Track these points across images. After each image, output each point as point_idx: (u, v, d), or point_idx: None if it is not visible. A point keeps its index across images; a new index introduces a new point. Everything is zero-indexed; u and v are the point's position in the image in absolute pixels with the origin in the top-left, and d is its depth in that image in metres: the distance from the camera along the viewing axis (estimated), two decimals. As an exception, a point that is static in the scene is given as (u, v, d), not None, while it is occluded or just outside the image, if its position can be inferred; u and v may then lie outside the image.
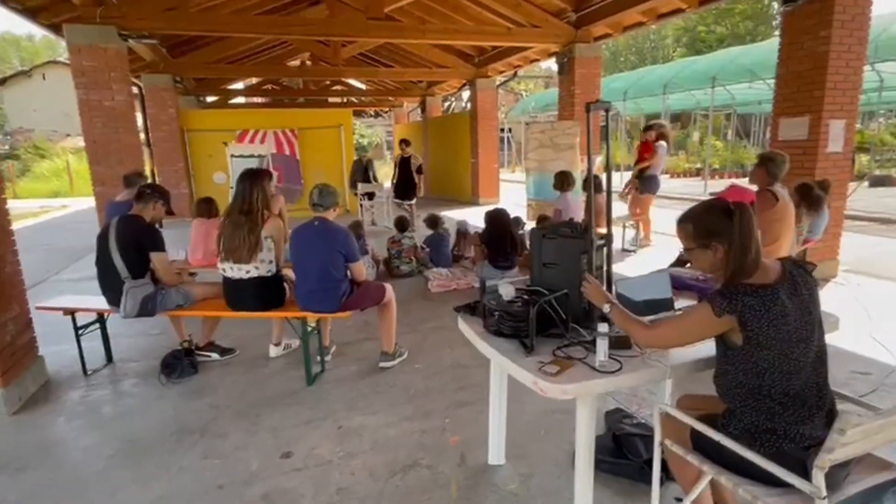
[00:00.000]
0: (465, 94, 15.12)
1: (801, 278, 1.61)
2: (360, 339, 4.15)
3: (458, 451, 2.61)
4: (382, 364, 3.58)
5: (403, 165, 9.13)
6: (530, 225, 7.03)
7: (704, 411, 1.77)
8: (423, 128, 16.79)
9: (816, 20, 5.06)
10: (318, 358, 3.61)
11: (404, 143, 9.35)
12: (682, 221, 1.73)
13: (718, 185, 12.57)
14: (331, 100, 18.51)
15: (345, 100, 19.09)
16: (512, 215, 6.75)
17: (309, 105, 17.27)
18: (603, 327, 1.71)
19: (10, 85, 28.00)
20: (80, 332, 3.65)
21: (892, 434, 1.33)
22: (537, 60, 11.76)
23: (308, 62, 14.05)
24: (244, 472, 2.52)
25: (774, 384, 1.53)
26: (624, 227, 7.32)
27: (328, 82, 16.51)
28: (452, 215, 10.93)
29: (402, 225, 6.23)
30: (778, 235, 3.79)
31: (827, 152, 5.24)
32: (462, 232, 6.57)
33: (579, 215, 5.82)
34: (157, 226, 3.49)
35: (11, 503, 2.37)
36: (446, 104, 19.13)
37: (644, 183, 7.14)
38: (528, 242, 6.34)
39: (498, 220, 5.70)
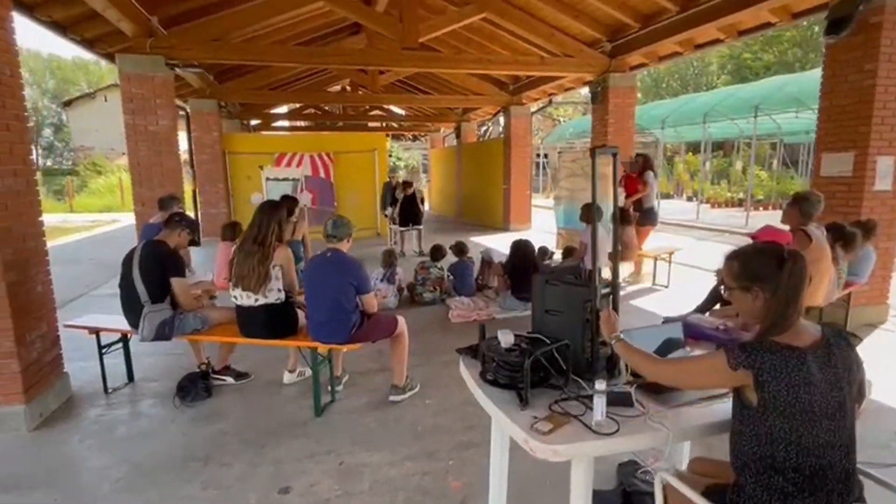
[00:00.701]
0: (503, 119, 15.21)
1: (839, 349, 1.47)
2: (373, 370, 4.12)
3: (459, 498, 2.52)
4: (393, 398, 3.52)
5: (408, 200, 9.32)
6: (559, 254, 6.91)
7: (716, 479, 1.64)
8: (458, 153, 16.93)
9: (861, 53, 4.83)
10: (330, 388, 3.59)
11: (407, 184, 9.67)
12: (730, 259, 1.64)
13: (762, 218, 12.06)
14: (370, 124, 18.95)
15: (384, 124, 19.51)
16: (540, 244, 6.67)
17: (348, 129, 17.75)
18: (600, 384, 1.62)
19: (75, 106, 29.97)
20: (103, 350, 3.77)
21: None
22: (572, 88, 11.71)
23: (348, 88, 14.45)
24: (240, 505, 2.50)
25: (789, 459, 1.39)
26: (656, 259, 7.07)
27: (367, 107, 16.92)
28: (482, 241, 10.90)
29: (436, 254, 6.23)
30: (817, 277, 3.57)
31: (874, 190, 4.94)
32: (486, 261, 6.51)
33: (605, 249, 5.67)
34: (182, 250, 3.60)
35: (16, 523, 2.41)
36: (483, 129, 19.28)
37: (642, 216, 6.97)
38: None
39: (521, 250, 5.63)
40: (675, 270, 7.14)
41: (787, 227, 3.71)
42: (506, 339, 1.91)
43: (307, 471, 2.77)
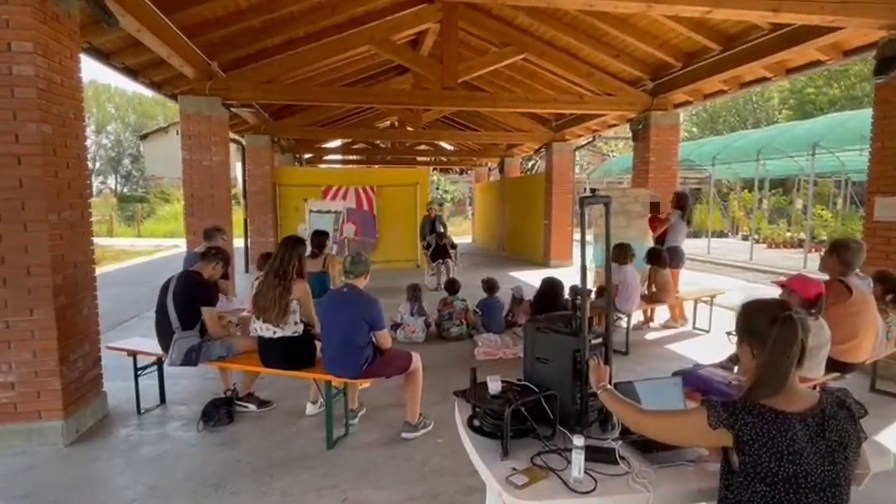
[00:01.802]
0: (545, 154, 15.20)
1: (836, 420, 1.38)
2: (391, 405, 4.13)
3: (455, 545, 2.47)
4: (405, 435, 3.52)
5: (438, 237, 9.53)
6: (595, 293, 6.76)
7: None
8: (501, 187, 17.04)
9: (912, 93, 4.59)
10: (345, 421, 3.64)
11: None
12: (739, 309, 1.62)
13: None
14: (419, 158, 19.48)
15: (433, 158, 20.00)
16: (573, 282, 6.56)
17: (398, 162, 18.31)
18: (578, 439, 1.58)
19: (150, 139, 32.53)
20: (139, 372, 4.00)
21: None
22: (616, 125, 11.65)
23: (395, 123, 14.98)
24: (242, 535, 2.55)
25: None
26: (696, 303, 6.78)
27: (415, 142, 17.43)
28: (520, 276, 10.82)
29: (452, 287, 6.26)
30: (856, 332, 3.35)
31: (933, 237, 4.59)
32: (517, 298, 6.45)
33: (636, 291, 5.51)
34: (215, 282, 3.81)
35: (37, 536, 2.56)
36: (531, 163, 19.34)
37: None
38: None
39: (550, 288, 5.56)
40: (719, 314, 6.81)
41: (825, 276, 3.50)
42: (494, 385, 1.91)
43: (310, 503, 2.80)
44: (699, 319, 6.70)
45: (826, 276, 3.48)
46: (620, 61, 8.48)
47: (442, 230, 9.59)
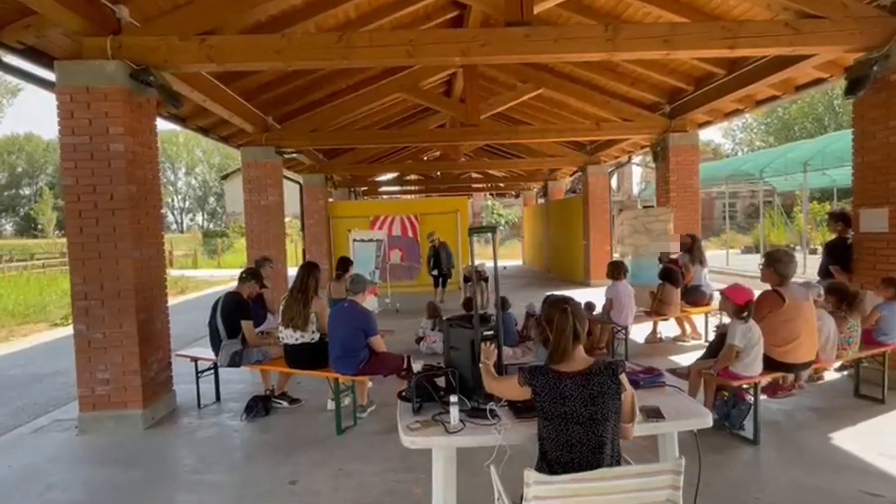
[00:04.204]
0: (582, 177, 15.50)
1: (599, 377, 1.98)
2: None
3: (416, 500, 3.14)
4: (400, 425, 4.24)
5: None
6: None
7: None
8: (545, 210, 17.54)
9: (884, 110, 4.83)
10: (354, 414, 4.42)
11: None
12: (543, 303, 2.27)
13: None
14: (474, 185, 20.50)
15: (488, 185, 20.94)
16: (588, 300, 7.02)
17: (452, 191, 19.36)
18: (454, 398, 2.26)
19: (230, 179, 35.94)
20: (199, 375, 5.02)
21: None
22: (646, 147, 11.94)
23: (437, 154, 16.03)
24: (257, 489, 3.38)
25: (552, 451, 1.93)
26: (707, 315, 6.99)
27: (461, 171, 18.41)
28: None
29: (468, 305, 6.94)
30: (793, 335, 3.72)
31: (914, 246, 4.73)
32: (530, 313, 7.01)
33: (631, 306, 5.93)
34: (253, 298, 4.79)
35: (119, 485, 3.53)
36: (580, 186, 19.60)
37: (686, 294, 6.76)
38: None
39: (555, 305, 6.09)
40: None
41: (765, 286, 3.88)
42: (416, 367, 2.62)
43: (314, 473, 3.58)
44: (711, 333, 6.91)
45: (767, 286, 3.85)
46: (637, 88, 8.96)
47: (443, 258, 10.39)
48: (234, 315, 4.55)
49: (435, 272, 11.02)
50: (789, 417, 4.25)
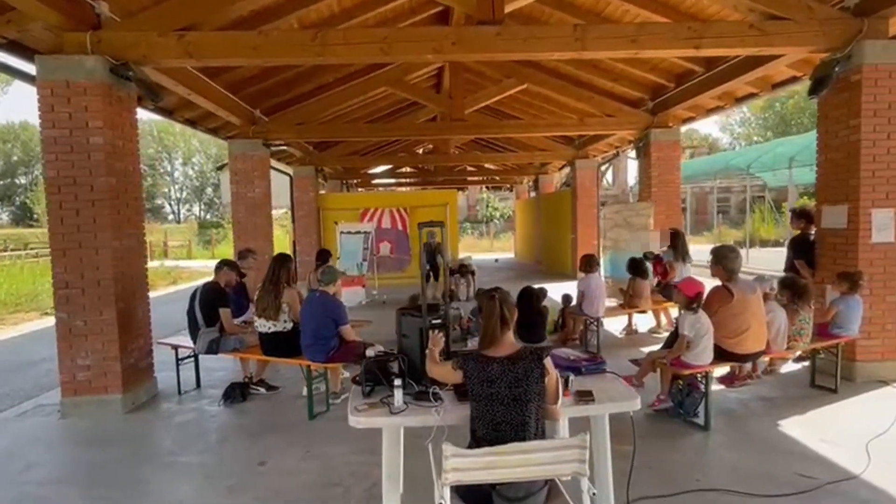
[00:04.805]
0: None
1: (524, 361, 2.14)
2: (371, 390, 5.03)
3: (374, 479, 3.31)
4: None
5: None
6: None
7: None
8: (537, 203, 17.67)
9: (845, 110, 4.96)
10: (327, 400, 4.58)
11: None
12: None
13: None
14: (469, 178, 20.63)
15: (484, 178, 21.09)
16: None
17: (447, 184, 19.47)
18: (398, 381, 2.42)
19: (226, 169, 35.88)
20: (179, 362, 5.17)
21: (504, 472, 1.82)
22: (633, 141, 12.06)
23: (430, 147, 16.13)
24: (227, 469, 3.55)
25: (480, 429, 2.09)
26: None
27: (454, 164, 18.50)
28: (550, 287, 11.40)
29: (452, 296, 7.10)
30: (742, 327, 3.87)
31: (872, 242, 4.88)
32: (508, 306, 7.17)
33: (602, 298, 6.09)
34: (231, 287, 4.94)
35: (96, 464, 3.70)
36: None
37: (663, 291, 6.91)
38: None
39: (526, 297, 6.26)
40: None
41: (715, 281, 4.04)
42: (370, 352, 2.78)
43: (282, 454, 3.76)
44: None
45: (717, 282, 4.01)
46: (621, 84, 9.07)
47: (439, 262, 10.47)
48: (212, 304, 4.70)
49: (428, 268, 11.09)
50: (744, 406, 4.43)
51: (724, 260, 3.86)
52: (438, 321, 2.72)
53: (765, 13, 4.96)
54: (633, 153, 14.05)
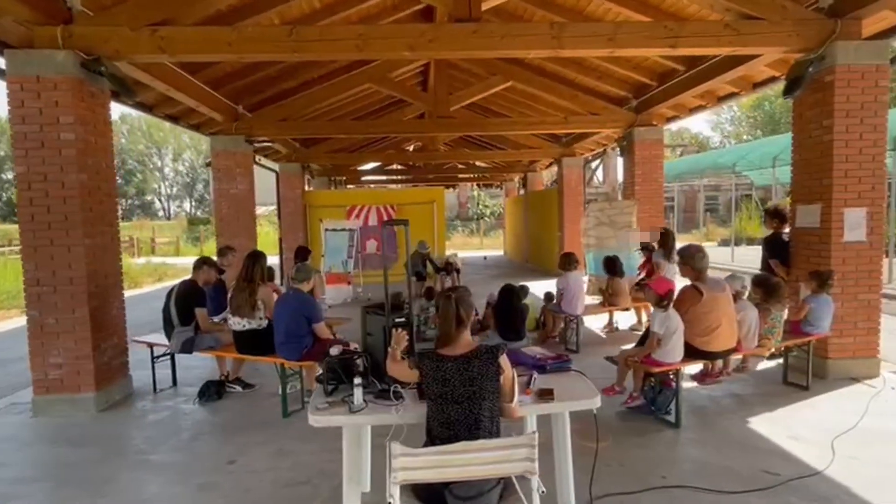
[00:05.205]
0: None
1: (479, 359, 2.14)
2: (348, 388, 5.03)
3: (342, 479, 3.31)
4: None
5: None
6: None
7: None
8: (525, 201, 17.70)
9: (819, 110, 5.01)
10: (302, 398, 4.57)
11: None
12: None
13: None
14: (460, 176, 20.62)
15: (475, 175, 21.09)
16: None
17: (437, 181, 19.45)
18: (357, 380, 2.42)
19: (215, 166, 35.67)
20: (155, 360, 5.14)
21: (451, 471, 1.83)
22: (620, 139, 12.11)
23: (419, 144, 16.09)
24: (198, 468, 3.54)
25: (435, 428, 2.10)
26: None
27: (442, 161, 18.47)
28: (537, 285, 11.42)
29: (429, 293, 7.10)
30: (715, 324, 3.92)
31: (843, 241, 4.94)
32: (489, 302, 7.18)
33: (581, 296, 6.12)
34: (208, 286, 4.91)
35: (66, 463, 3.67)
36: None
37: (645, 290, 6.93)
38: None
39: (507, 294, 6.28)
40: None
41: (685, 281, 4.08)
42: (333, 350, 2.77)
43: (254, 452, 3.75)
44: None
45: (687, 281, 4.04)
46: (605, 83, 9.10)
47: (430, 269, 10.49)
48: (187, 302, 4.67)
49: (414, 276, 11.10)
50: (715, 403, 4.48)
51: (691, 260, 3.90)
52: (402, 320, 2.72)
53: (740, 13, 4.98)
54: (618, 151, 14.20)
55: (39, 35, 4.39)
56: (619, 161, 12.47)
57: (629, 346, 4.61)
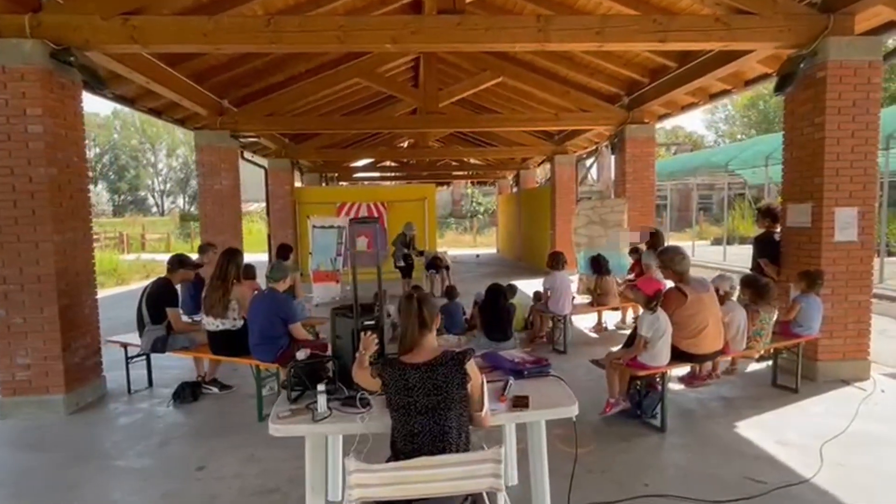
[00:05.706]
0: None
1: (443, 367, 2.01)
2: (329, 390, 4.90)
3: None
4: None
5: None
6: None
7: None
8: (518, 198, 17.59)
9: (810, 107, 4.90)
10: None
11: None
12: None
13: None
14: (454, 173, 20.46)
15: (469, 172, 20.95)
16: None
17: (431, 178, 19.28)
18: (321, 387, 2.29)
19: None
20: (129, 361, 4.99)
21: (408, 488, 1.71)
22: (609, 137, 12.01)
23: (412, 141, 15.93)
24: (165, 474, 3.41)
25: (398, 441, 1.97)
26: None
27: (435, 158, 18.30)
28: (528, 283, 11.32)
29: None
30: (702, 326, 3.82)
31: (834, 241, 4.84)
32: (477, 302, 7.06)
33: (568, 296, 6.01)
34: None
35: (27, 469, 3.53)
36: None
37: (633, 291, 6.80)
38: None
39: (493, 294, 6.16)
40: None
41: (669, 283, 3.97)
42: (300, 354, 2.64)
43: (225, 457, 3.62)
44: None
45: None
46: (597, 79, 8.98)
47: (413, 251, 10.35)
48: (159, 301, 4.53)
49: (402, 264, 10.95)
50: (702, 406, 4.38)
51: (671, 263, 3.80)
52: (372, 322, 2.59)
53: (731, 7, 4.88)
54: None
55: (6, 23, 4.22)
56: (613, 159, 12.43)
57: (616, 349, 4.50)
